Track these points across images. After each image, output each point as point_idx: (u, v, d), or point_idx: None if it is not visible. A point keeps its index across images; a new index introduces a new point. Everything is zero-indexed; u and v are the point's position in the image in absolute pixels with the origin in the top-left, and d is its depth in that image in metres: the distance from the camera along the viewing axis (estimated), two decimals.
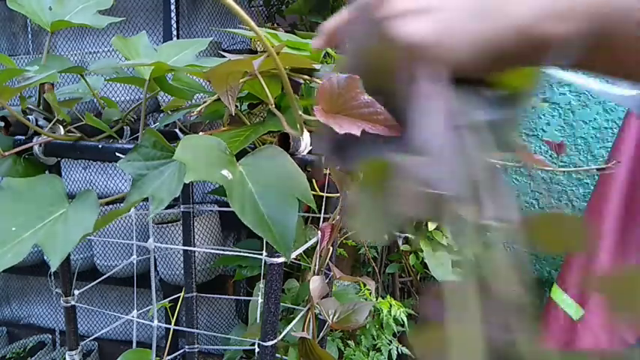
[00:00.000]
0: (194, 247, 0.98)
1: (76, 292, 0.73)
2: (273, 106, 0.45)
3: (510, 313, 0.20)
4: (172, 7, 1.39)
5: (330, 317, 0.76)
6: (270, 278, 0.57)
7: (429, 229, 1.32)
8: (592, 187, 1.49)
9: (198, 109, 0.54)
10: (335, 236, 0.75)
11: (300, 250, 0.74)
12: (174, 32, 1.41)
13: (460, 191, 0.22)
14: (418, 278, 1.56)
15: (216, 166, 0.38)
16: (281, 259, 0.57)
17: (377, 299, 1.35)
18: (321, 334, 0.85)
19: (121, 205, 0.41)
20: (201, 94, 0.65)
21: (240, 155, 0.41)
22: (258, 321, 1.06)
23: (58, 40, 1.76)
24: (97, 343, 1.83)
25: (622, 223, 1.21)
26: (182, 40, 0.62)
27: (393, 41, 0.24)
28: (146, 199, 0.41)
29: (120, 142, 0.60)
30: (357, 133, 0.29)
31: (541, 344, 0.20)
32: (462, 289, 0.21)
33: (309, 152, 0.48)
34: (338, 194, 0.79)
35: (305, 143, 0.47)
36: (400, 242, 1.42)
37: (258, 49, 1.30)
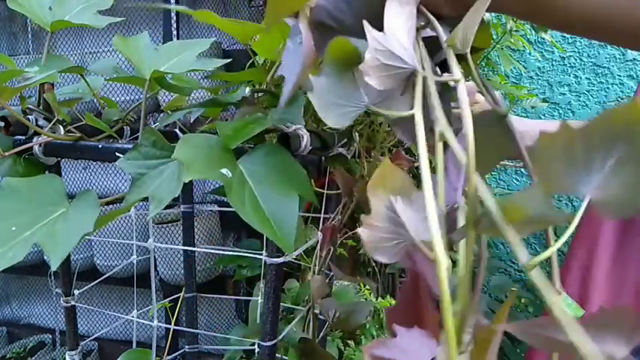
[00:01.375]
0: (194, 247, 0.98)
1: (76, 292, 0.73)
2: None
3: None
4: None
5: (330, 317, 0.76)
6: (270, 278, 0.57)
7: None
8: None
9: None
10: (336, 237, 0.74)
11: (300, 250, 0.74)
12: (174, 32, 1.41)
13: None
14: None
15: (215, 165, 0.38)
16: (281, 259, 0.56)
17: (377, 299, 1.35)
18: (321, 334, 0.85)
19: (121, 204, 0.41)
20: (202, 92, 0.65)
21: (239, 154, 0.41)
22: (258, 321, 1.06)
23: (58, 40, 1.76)
24: (97, 343, 1.83)
25: (622, 223, 1.20)
26: (184, 40, 0.61)
27: None
28: (146, 199, 0.41)
29: (120, 142, 0.60)
30: None
31: None
32: None
33: (310, 152, 0.48)
34: (339, 191, 0.79)
35: (305, 142, 0.47)
36: None
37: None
